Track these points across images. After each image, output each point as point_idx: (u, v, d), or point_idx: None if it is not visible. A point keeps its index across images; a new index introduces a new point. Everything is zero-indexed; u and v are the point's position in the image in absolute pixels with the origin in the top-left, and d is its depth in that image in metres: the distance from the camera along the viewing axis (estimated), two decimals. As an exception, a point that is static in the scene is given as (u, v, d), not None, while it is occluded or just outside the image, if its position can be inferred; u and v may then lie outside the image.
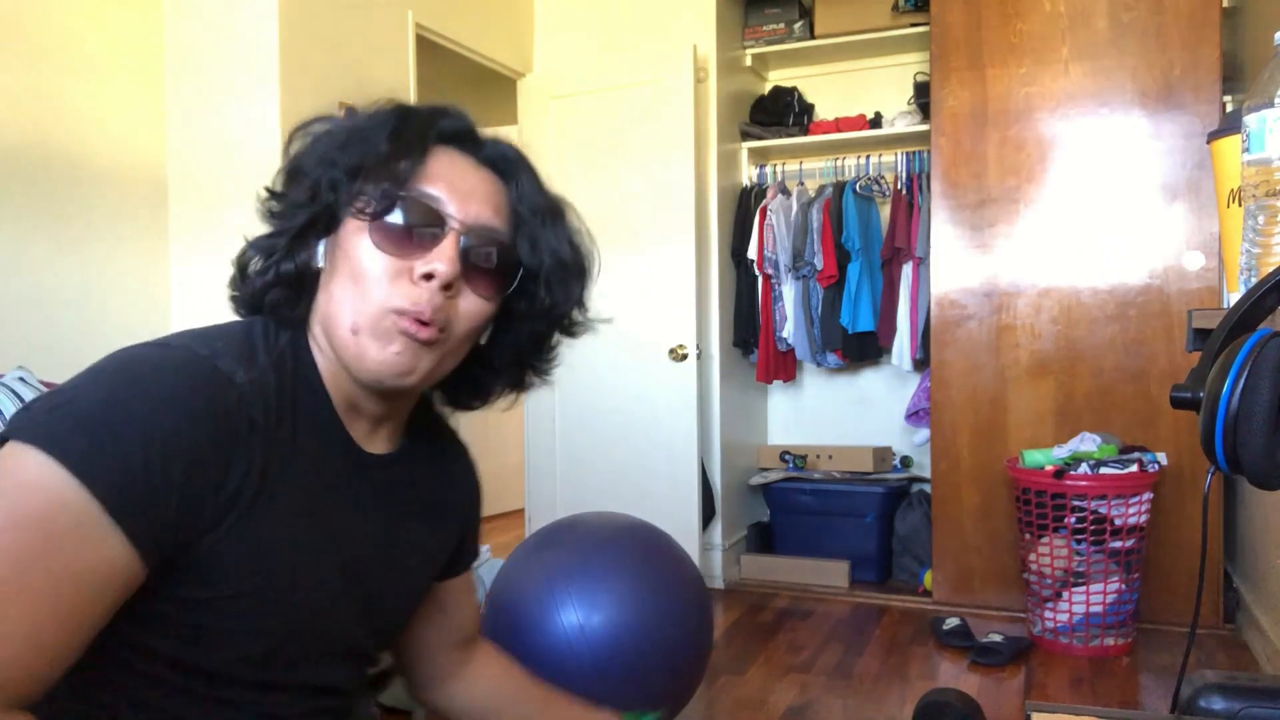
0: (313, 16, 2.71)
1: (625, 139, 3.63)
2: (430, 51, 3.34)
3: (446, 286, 0.78)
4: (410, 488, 0.91)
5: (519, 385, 0.94)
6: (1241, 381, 0.63)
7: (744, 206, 3.92)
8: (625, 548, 1.98)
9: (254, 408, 0.73)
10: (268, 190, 0.83)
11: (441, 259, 0.77)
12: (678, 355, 3.54)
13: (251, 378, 0.75)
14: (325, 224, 0.80)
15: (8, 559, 0.59)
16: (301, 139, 0.82)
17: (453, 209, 0.80)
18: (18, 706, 0.61)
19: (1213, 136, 1.00)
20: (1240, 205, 0.88)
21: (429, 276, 0.77)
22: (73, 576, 0.61)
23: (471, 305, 0.81)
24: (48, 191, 2.38)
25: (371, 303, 0.77)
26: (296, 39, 2.64)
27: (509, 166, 0.86)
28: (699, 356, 3.56)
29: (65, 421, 0.63)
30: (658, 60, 3.58)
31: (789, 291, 3.79)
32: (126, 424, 0.64)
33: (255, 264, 0.82)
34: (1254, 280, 0.83)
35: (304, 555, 0.77)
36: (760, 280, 3.84)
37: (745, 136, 3.98)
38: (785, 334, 3.81)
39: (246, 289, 0.83)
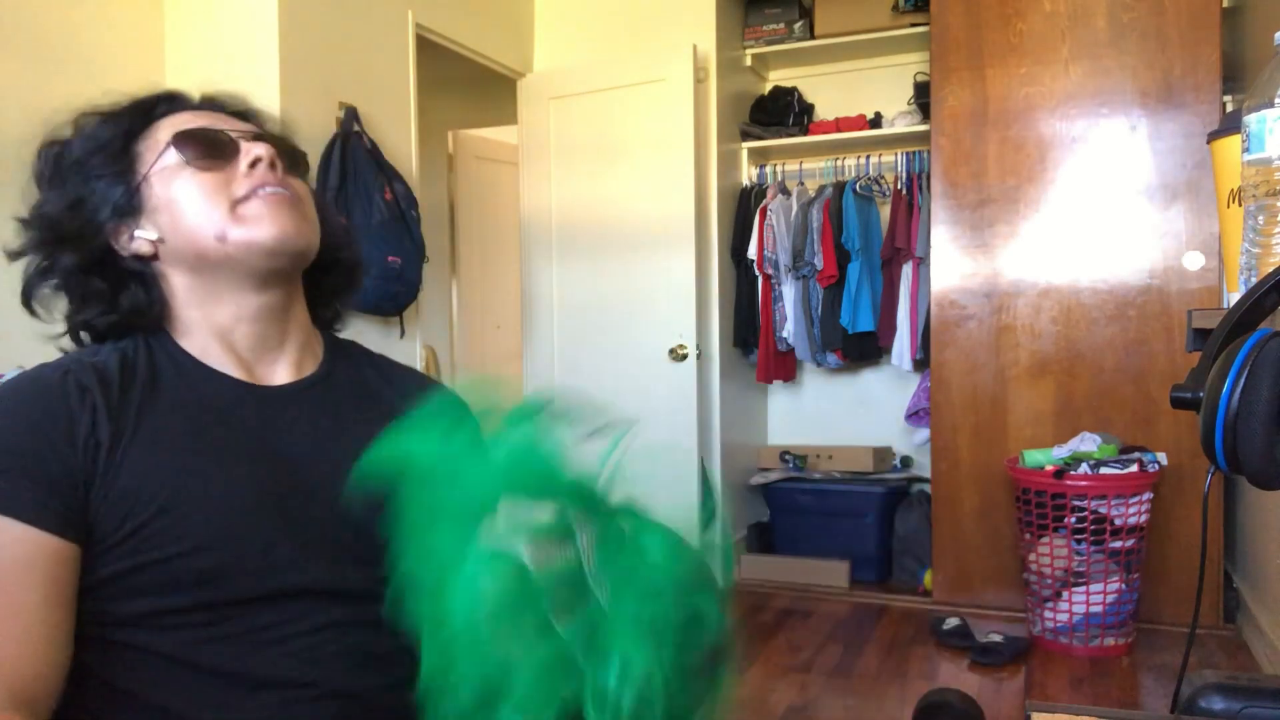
0: (313, 17, 2.71)
1: (625, 139, 3.63)
2: (430, 51, 3.34)
3: (272, 165, 0.86)
4: (341, 400, 0.93)
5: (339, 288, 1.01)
6: (1241, 381, 0.63)
7: (744, 206, 3.92)
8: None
9: (85, 377, 0.80)
10: (41, 217, 0.89)
11: (255, 149, 0.87)
12: (678, 355, 3.54)
13: (84, 360, 0.83)
14: (128, 210, 0.87)
15: None
16: (46, 167, 0.92)
17: (227, 130, 0.89)
18: (17, 706, 0.66)
19: (1213, 136, 1.00)
20: (1240, 205, 0.88)
21: (254, 163, 0.86)
22: None
23: (298, 185, 0.90)
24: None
25: (222, 205, 0.85)
26: (296, 39, 2.64)
27: (215, 98, 0.95)
28: (699, 356, 3.56)
29: None
30: (658, 60, 3.58)
31: (789, 291, 3.79)
32: None
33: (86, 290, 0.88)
34: (1254, 280, 0.83)
35: (192, 488, 0.79)
36: (760, 280, 3.84)
37: (745, 136, 3.98)
38: (785, 334, 3.81)
39: (90, 315, 0.89)
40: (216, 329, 0.88)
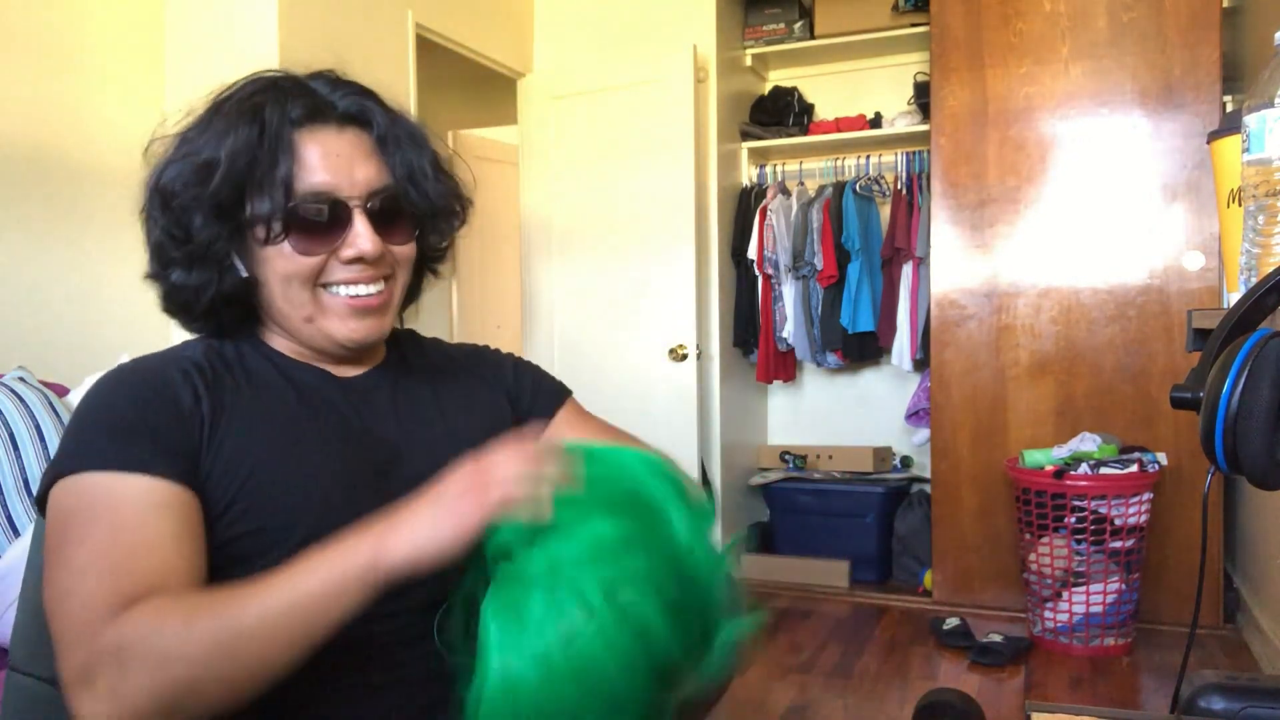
0: (312, 16, 2.71)
1: (625, 139, 3.63)
2: (430, 51, 3.34)
3: (375, 262, 0.87)
4: (417, 385, 0.98)
5: (419, 289, 1.03)
6: (1241, 381, 0.63)
7: (744, 206, 3.92)
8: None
9: (183, 363, 0.86)
10: (166, 233, 0.87)
11: (361, 241, 0.85)
12: (678, 355, 3.54)
13: (175, 354, 0.88)
14: (231, 242, 0.86)
15: (57, 550, 0.77)
16: (165, 173, 0.86)
17: (345, 187, 0.85)
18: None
19: (1213, 136, 1.00)
20: (1240, 205, 0.88)
21: (356, 259, 0.86)
22: (116, 518, 0.76)
23: (399, 253, 0.91)
24: (48, 192, 2.38)
25: (311, 289, 0.87)
26: (296, 39, 2.64)
27: (361, 112, 0.89)
28: (699, 356, 3.56)
29: (53, 461, 0.81)
30: (658, 60, 3.58)
31: (789, 291, 3.79)
32: (91, 420, 0.82)
33: (188, 300, 0.89)
34: (1254, 280, 0.83)
35: (287, 462, 0.84)
36: (760, 280, 3.84)
37: (745, 136, 3.98)
38: (785, 334, 3.81)
39: (194, 321, 0.91)
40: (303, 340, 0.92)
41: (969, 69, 3.30)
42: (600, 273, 3.72)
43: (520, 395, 1.05)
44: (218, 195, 0.83)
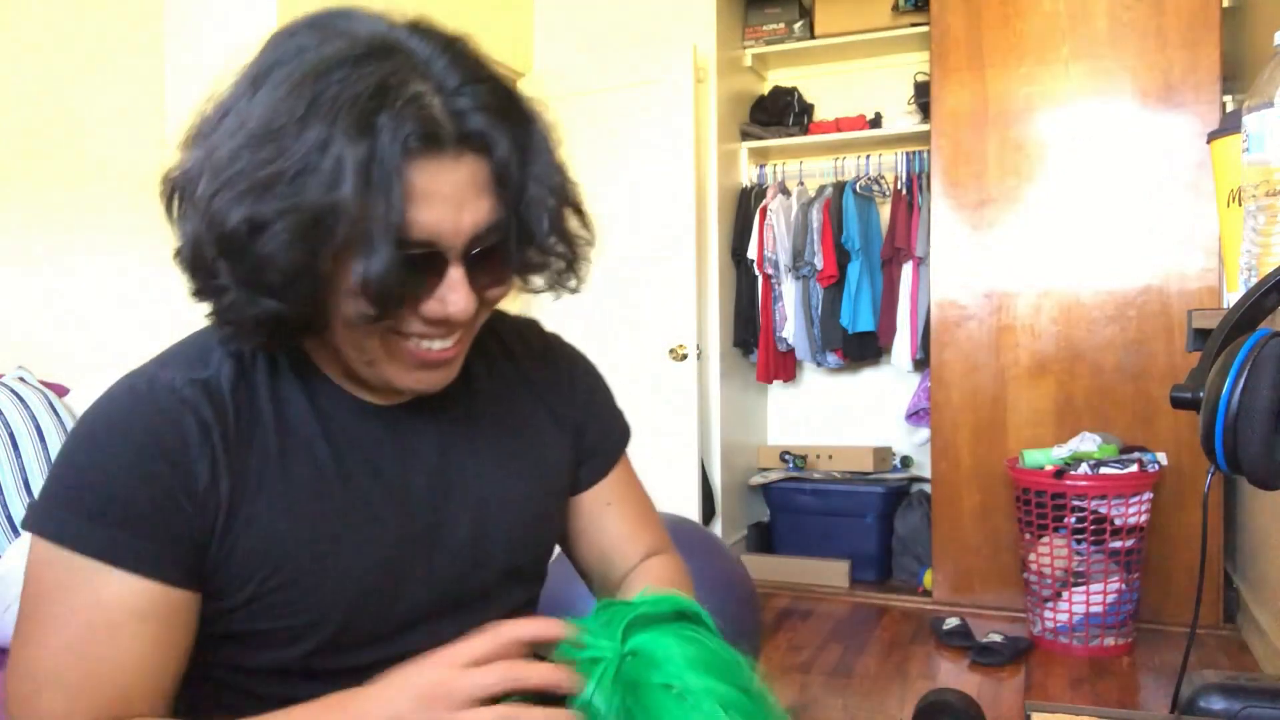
0: (313, 16, 2.71)
1: (625, 139, 3.63)
2: (430, 51, 3.34)
3: (459, 324, 0.73)
4: (474, 411, 0.85)
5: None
6: (1241, 381, 0.63)
7: (744, 206, 3.92)
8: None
9: (203, 407, 0.71)
10: (227, 273, 0.68)
11: (451, 303, 0.69)
12: (678, 355, 3.54)
13: (197, 378, 0.73)
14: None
15: (32, 620, 0.70)
16: (241, 205, 0.65)
17: (447, 234, 0.68)
18: None
19: (1213, 136, 1.00)
20: (1240, 205, 0.88)
21: (443, 320, 0.71)
22: (93, 617, 0.69)
23: (488, 297, 0.75)
24: (48, 191, 2.38)
25: (380, 341, 0.72)
26: (296, 39, 2.64)
27: (484, 135, 0.70)
28: (699, 356, 3.56)
29: (44, 502, 0.71)
30: (658, 60, 3.58)
31: (789, 291, 3.79)
32: (82, 486, 0.70)
33: (237, 327, 0.72)
34: (1254, 280, 0.83)
35: (330, 528, 0.74)
36: (760, 280, 3.84)
37: (745, 136, 3.98)
38: (785, 334, 3.81)
39: (238, 337, 0.75)
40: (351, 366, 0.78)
41: (969, 69, 3.30)
42: (600, 272, 3.69)
43: (585, 430, 0.94)
44: (322, 254, 0.64)
